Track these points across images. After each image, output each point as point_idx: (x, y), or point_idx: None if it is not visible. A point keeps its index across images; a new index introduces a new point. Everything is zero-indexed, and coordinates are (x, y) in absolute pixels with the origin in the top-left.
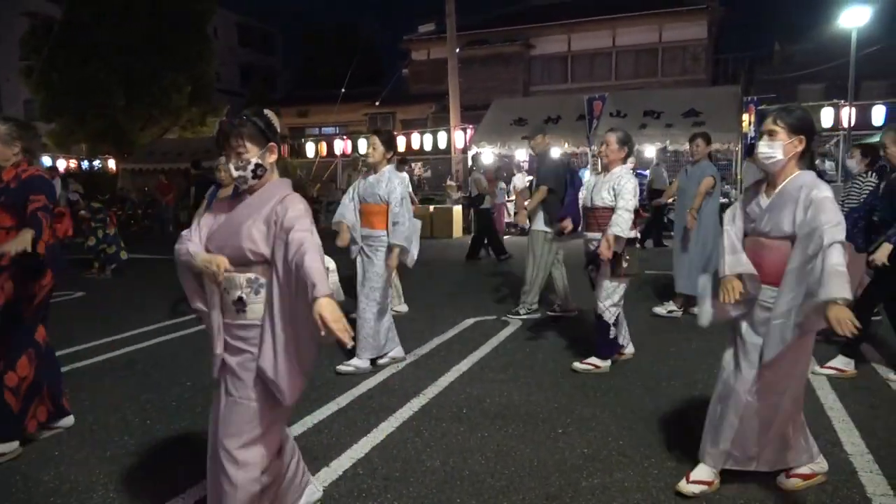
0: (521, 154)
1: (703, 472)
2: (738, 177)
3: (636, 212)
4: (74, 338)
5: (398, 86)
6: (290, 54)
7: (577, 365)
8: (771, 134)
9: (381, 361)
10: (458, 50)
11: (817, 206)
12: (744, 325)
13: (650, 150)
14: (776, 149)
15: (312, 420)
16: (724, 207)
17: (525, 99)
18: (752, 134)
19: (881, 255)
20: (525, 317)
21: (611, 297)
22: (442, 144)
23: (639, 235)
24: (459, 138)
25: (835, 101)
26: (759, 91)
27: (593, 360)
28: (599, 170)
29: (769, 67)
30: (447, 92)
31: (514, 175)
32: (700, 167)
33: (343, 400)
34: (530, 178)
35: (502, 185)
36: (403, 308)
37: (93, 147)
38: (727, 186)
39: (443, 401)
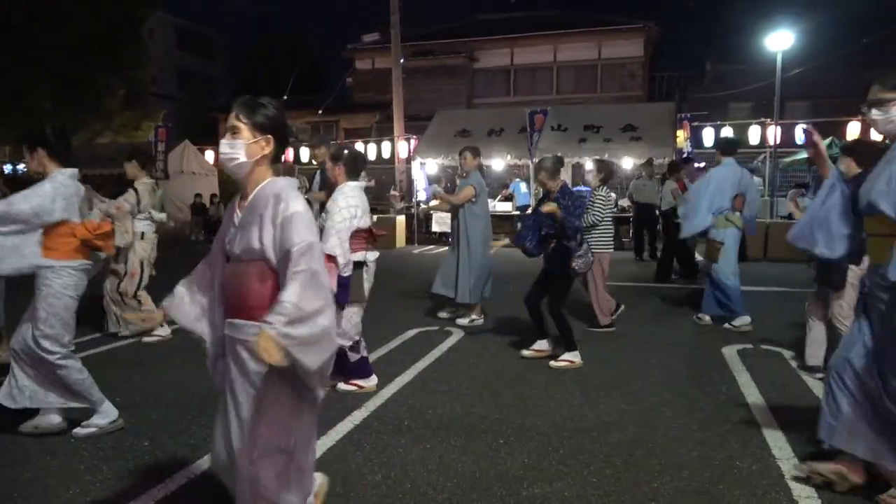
0: None
1: None
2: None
3: (370, 231)
4: None
5: (342, 95)
6: (231, 61)
7: (340, 386)
8: (234, 131)
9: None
10: (402, 60)
11: (287, 222)
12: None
13: (589, 164)
14: (238, 148)
15: None
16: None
17: (468, 111)
18: (686, 149)
19: (546, 208)
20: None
21: (342, 323)
22: (386, 154)
23: (367, 258)
24: (403, 148)
25: (762, 119)
26: (692, 108)
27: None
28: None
29: (701, 86)
30: (391, 102)
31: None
32: (467, 179)
33: None
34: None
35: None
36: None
37: (17, 150)
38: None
39: (384, 413)
